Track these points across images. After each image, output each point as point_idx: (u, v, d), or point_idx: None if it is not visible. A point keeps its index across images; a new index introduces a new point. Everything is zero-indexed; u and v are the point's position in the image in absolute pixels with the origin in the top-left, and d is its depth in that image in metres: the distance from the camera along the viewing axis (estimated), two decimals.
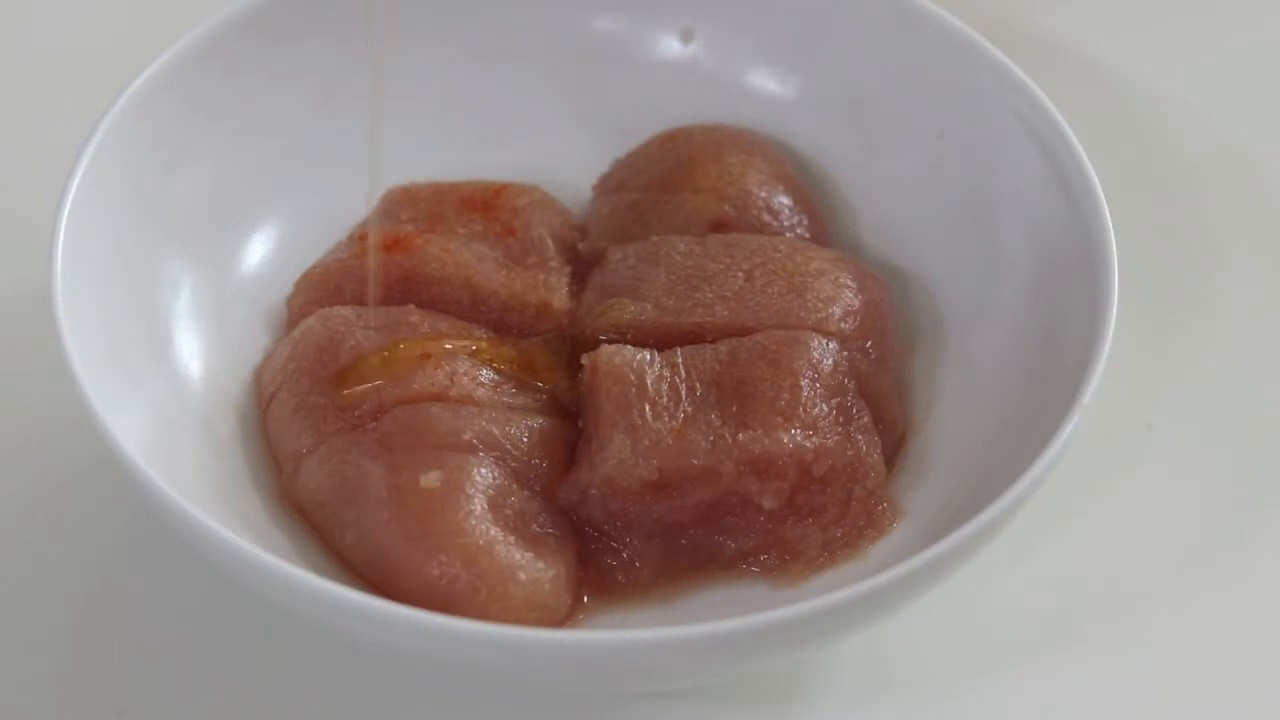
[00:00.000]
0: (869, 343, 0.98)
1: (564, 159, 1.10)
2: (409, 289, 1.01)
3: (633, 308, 0.99)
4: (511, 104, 1.12)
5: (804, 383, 0.94)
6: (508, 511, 0.92)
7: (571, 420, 0.97)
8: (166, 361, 0.98)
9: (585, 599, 0.93)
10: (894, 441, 0.99)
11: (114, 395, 0.90)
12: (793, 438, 0.92)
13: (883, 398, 0.98)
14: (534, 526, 0.92)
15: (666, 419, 0.93)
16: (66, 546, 0.99)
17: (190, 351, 1.00)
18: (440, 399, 0.94)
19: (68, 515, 1.00)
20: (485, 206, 1.05)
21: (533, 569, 0.90)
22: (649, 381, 0.95)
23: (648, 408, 0.94)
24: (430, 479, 0.91)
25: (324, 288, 1.02)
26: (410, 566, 0.89)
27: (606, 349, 0.97)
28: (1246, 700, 0.95)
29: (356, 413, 0.94)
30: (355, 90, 1.09)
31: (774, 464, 0.92)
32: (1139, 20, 1.29)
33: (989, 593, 0.97)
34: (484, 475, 0.92)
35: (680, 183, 1.06)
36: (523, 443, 0.94)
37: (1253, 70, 1.26)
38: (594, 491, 0.93)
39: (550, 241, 1.04)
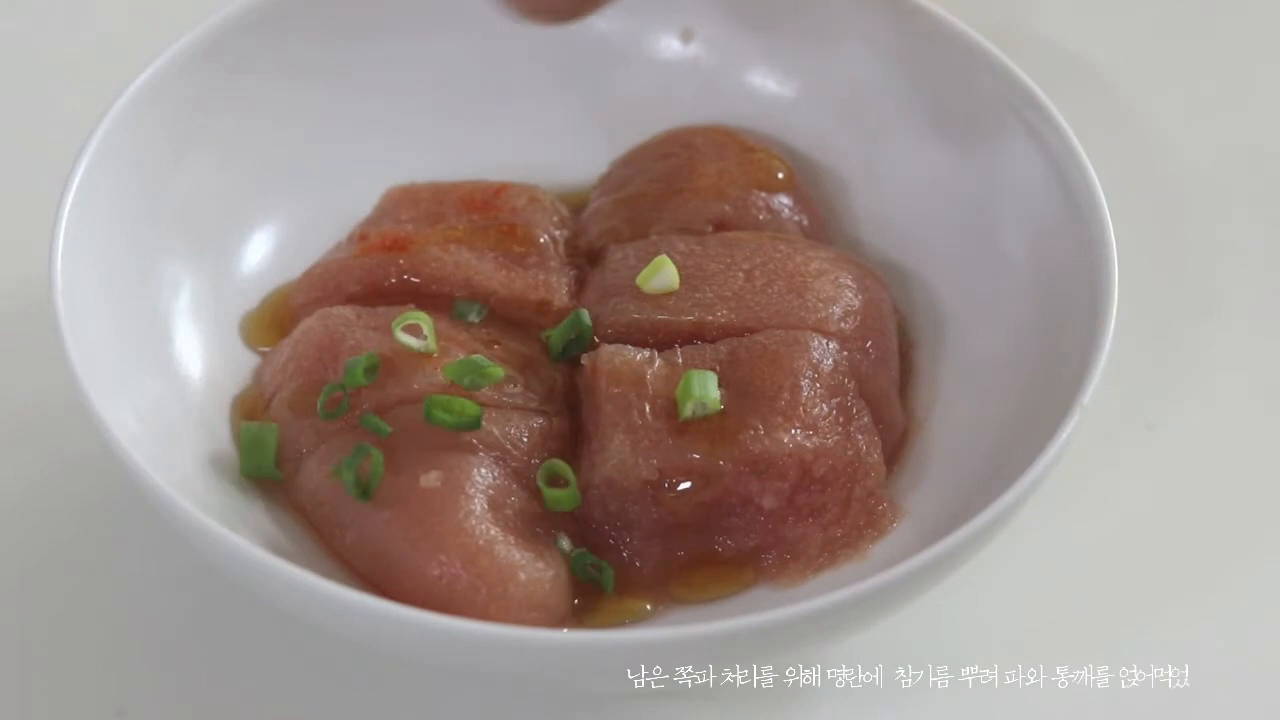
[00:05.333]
0: (869, 343, 0.98)
1: (564, 159, 1.11)
2: (409, 289, 1.01)
3: (633, 308, 0.99)
4: (511, 104, 1.12)
5: (804, 383, 0.94)
6: (508, 511, 0.92)
7: (571, 420, 0.97)
8: (166, 361, 0.98)
9: (585, 599, 0.93)
10: (894, 441, 0.99)
11: (114, 395, 0.90)
12: (793, 438, 0.92)
13: (883, 398, 0.98)
14: (534, 526, 0.92)
15: (666, 419, 0.93)
16: (66, 547, 0.99)
17: (190, 351, 1.00)
18: None
19: (67, 515, 1.00)
20: (485, 206, 1.05)
21: (533, 569, 0.90)
22: (649, 381, 0.95)
23: (648, 407, 0.94)
24: (430, 479, 0.91)
25: (324, 288, 1.02)
26: (410, 566, 0.89)
27: (606, 349, 0.97)
28: (1248, 699, 0.95)
29: (357, 412, 0.94)
30: (355, 90, 1.09)
31: (774, 464, 0.92)
32: (1139, 20, 1.29)
33: (989, 592, 0.97)
34: (484, 475, 0.92)
35: (680, 183, 1.06)
36: (523, 443, 0.94)
37: (1253, 70, 1.26)
38: (594, 491, 0.93)
39: (550, 241, 1.04)
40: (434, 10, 1.10)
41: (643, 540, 0.94)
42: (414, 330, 0.96)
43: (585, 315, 0.99)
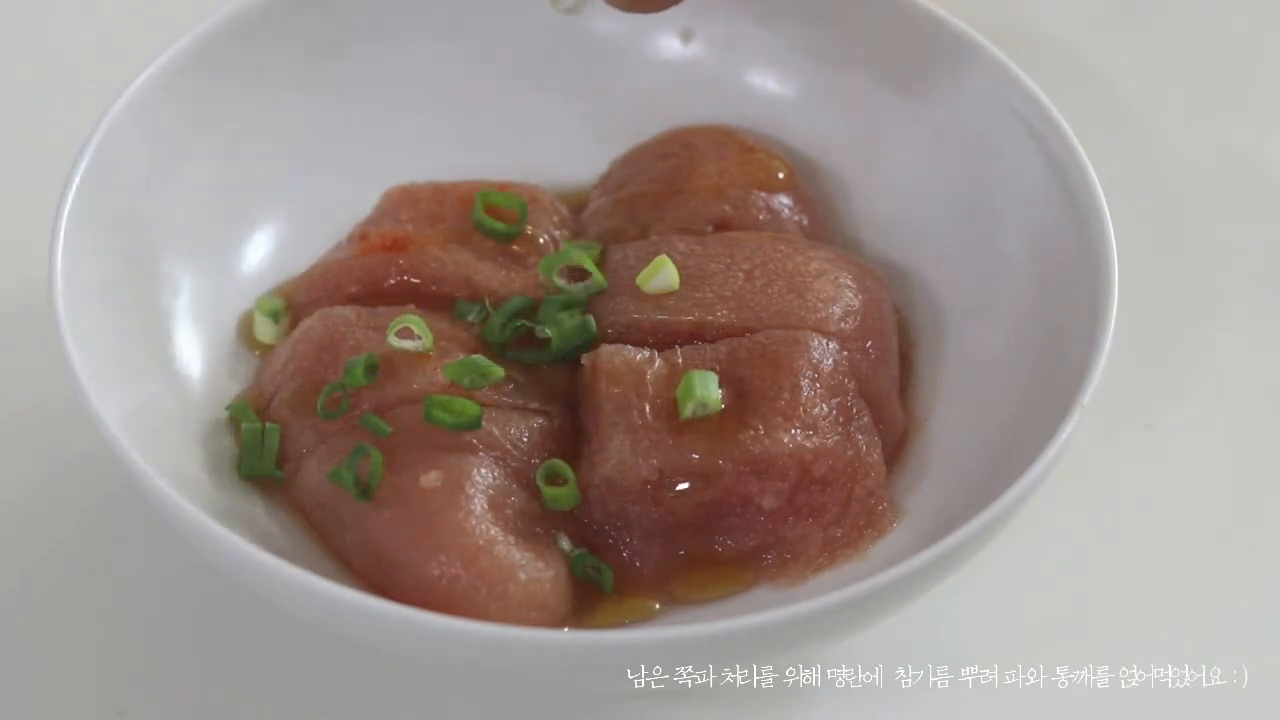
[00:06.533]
0: (869, 343, 0.98)
1: (564, 159, 1.11)
2: (409, 289, 1.01)
3: (633, 308, 0.99)
4: (511, 104, 1.12)
5: (804, 383, 0.94)
6: (508, 511, 0.92)
7: (572, 420, 0.97)
8: (166, 361, 0.98)
9: (585, 599, 0.93)
10: (894, 441, 0.99)
11: (114, 395, 0.90)
12: (793, 438, 0.92)
13: (883, 398, 0.98)
14: (534, 526, 0.92)
15: (666, 419, 0.93)
16: (66, 547, 0.99)
17: (190, 351, 1.00)
18: None
19: (67, 516, 1.00)
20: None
21: (533, 569, 0.90)
22: (649, 381, 0.95)
23: (647, 408, 0.94)
24: (430, 479, 0.91)
25: (324, 288, 1.02)
26: (410, 566, 0.89)
27: (606, 349, 0.96)
28: (1248, 699, 0.95)
29: (357, 412, 0.94)
30: (355, 90, 1.09)
31: (774, 464, 0.92)
32: (1139, 20, 1.29)
33: (989, 592, 0.97)
34: (484, 475, 0.92)
35: (680, 183, 1.06)
36: (523, 443, 0.94)
37: (1253, 70, 1.26)
38: (594, 491, 0.93)
39: (550, 241, 1.04)
40: (435, 10, 1.10)
41: (643, 540, 0.94)
42: (407, 334, 0.96)
43: (592, 323, 0.98)
